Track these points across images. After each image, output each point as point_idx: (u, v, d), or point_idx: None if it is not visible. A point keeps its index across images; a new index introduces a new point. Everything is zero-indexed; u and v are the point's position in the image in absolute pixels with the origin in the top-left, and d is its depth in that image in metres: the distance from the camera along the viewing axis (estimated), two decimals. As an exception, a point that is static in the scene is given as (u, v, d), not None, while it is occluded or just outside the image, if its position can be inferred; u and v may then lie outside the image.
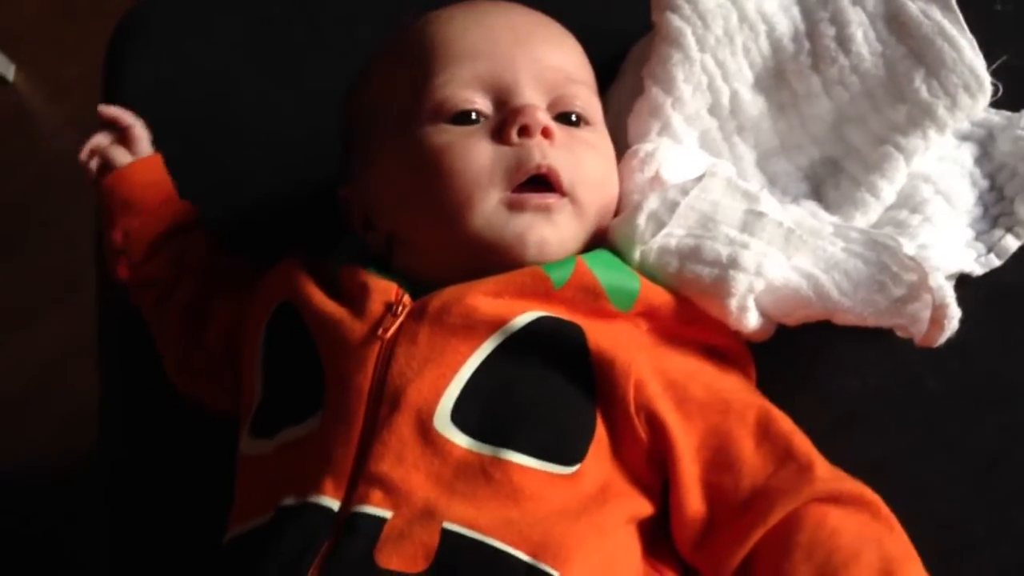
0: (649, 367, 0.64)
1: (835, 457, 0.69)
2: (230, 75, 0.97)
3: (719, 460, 0.62)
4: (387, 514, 0.61)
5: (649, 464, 0.64)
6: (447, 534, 0.60)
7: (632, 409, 0.63)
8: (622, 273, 0.67)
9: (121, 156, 0.84)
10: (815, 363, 0.72)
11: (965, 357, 0.70)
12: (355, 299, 0.68)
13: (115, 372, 0.93)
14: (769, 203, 0.68)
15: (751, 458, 0.62)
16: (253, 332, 0.74)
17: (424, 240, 0.70)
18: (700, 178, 0.68)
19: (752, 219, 0.67)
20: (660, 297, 0.67)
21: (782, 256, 0.66)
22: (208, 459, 0.81)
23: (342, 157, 0.80)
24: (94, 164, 0.84)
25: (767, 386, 0.69)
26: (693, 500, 0.62)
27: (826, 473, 0.62)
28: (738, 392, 0.66)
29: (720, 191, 0.68)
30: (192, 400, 0.82)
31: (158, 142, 0.90)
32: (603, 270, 0.66)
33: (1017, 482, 0.67)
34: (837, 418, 0.70)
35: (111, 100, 0.99)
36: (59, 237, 1.61)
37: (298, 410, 0.67)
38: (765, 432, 0.63)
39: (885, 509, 0.61)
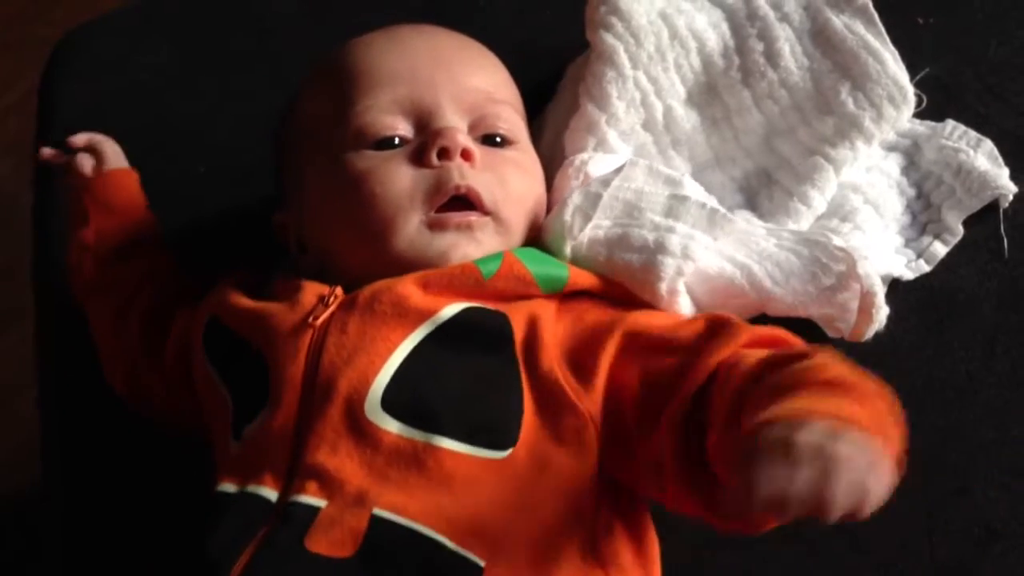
0: (560, 333, 0.65)
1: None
2: (163, 99, 0.97)
3: (647, 349, 0.63)
4: (321, 503, 0.61)
5: (590, 432, 0.64)
6: (375, 520, 0.60)
7: (555, 382, 0.63)
8: (549, 264, 0.68)
9: (97, 164, 0.85)
10: None
11: (899, 360, 0.72)
12: (288, 296, 0.69)
13: (54, 399, 0.91)
14: (692, 187, 0.70)
15: (672, 332, 0.63)
16: (196, 349, 0.74)
17: (352, 259, 0.71)
18: (620, 168, 0.69)
19: (676, 203, 0.68)
20: (588, 280, 0.68)
21: (708, 238, 0.68)
22: (154, 483, 0.82)
23: (276, 183, 0.80)
24: (73, 162, 0.84)
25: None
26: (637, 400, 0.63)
27: (739, 332, 0.62)
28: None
29: (642, 179, 0.70)
30: (140, 412, 0.81)
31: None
32: (531, 261, 0.68)
33: (952, 483, 0.69)
34: (777, 424, 0.72)
35: (46, 125, 1.00)
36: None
37: (251, 408, 0.67)
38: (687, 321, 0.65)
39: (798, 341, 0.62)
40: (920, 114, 0.78)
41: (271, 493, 0.63)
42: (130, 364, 0.80)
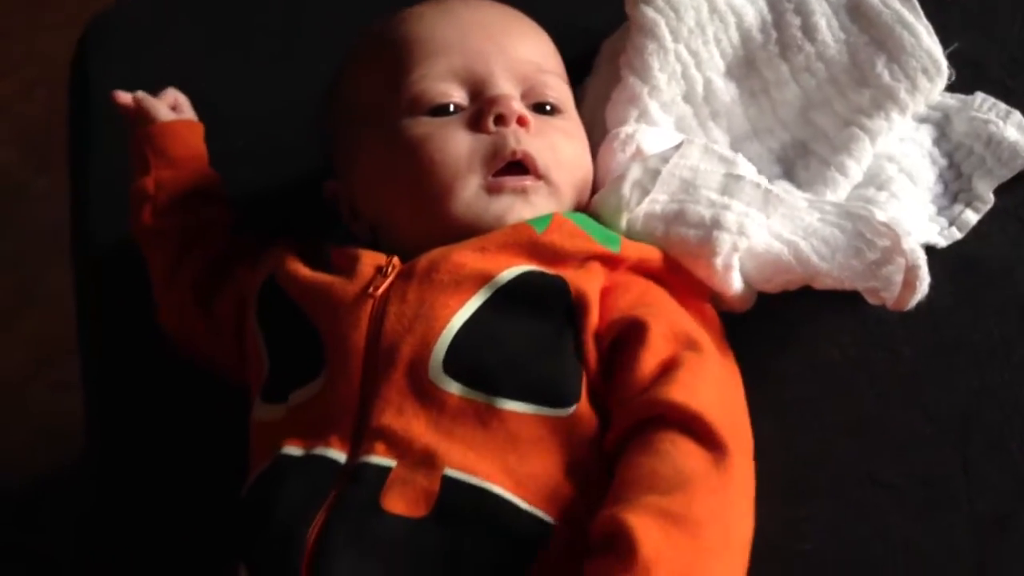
0: (604, 301, 0.67)
1: (818, 420, 0.73)
2: (197, 76, 0.98)
3: (621, 363, 0.65)
4: (391, 463, 0.63)
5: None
6: (447, 480, 0.62)
7: (598, 345, 0.66)
8: (600, 228, 0.71)
9: (165, 113, 0.86)
10: (796, 335, 0.75)
11: (935, 326, 0.75)
12: (345, 267, 0.71)
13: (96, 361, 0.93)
14: (746, 167, 0.72)
15: (646, 366, 0.64)
16: (249, 307, 0.76)
17: (409, 225, 0.73)
18: (678, 146, 0.72)
19: (731, 182, 0.70)
20: (639, 252, 0.70)
21: (762, 216, 0.70)
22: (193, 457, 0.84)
23: (325, 152, 0.81)
24: (138, 104, 0.86)
25: (751, 355, 0.72)
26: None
27: (691, 399, 0.62)
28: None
29: (698, 157, 0.72)
30: (186, 356, 0.83)
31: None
32: (579, 222, 0.70)
33: (989, 440, 0.71)
34: (819, 385, 0.74)
35: (81, 103, 1.01)
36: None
37: (303, 373, 0.69)
38: (669, 358, 0.65)
39: (733, 455, 0.61)
40: (949, 88, 0.80)
41: (339, 455, 0.65)
42: (182, 311, 0.81)
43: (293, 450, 0.66)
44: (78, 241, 0.97)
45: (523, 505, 0.62)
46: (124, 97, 0.86)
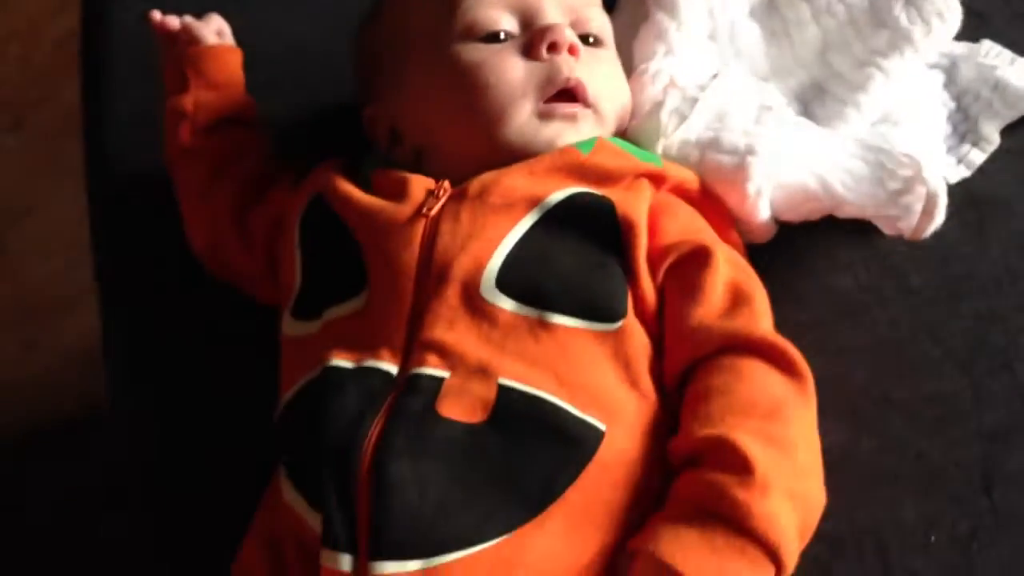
0: (653, 221, 0.70)
1: (833, 343, 0.77)
2: (222, 10, 0.99)
3: (690, 289, 0.68)
4: (445, 374, 0.65)
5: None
6: (503, 389, 0.64)
7: (644, 267, 0.68)
8: (640, 150, 0.74)
9: (210, 37, 0.87)
10: (812, 263, 0.78)
11: (943, 256, 0.79)
12: (394, 191, 0.73)
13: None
14: (777, 99, 0.75)
15: (715, 294, 0.67)
16: (289, 225, 0.78)
17: (457, 149, 0.75)
18: (714, 77, 0.75)
19: (763, 112, 0.74)
20: (682, 173, 0.73)
21: (791, 146, 0.73)
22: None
23: (361, 79, 0.83)
24: (184, 26, 0.87)
25: (770, 282, 0.75)
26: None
27: (770, 330, 0.67)
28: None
29: (733, 88, 0.75)
30: (216, 274, 0.85)
31: (152, 69, 0.93)
32: (622, 144, 0.73)
33: (995, 359, 0.75)
34: (833, 310, 0.77)
35: (98, 37, 1.01)
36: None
37: (341, 291, 0.71)
38: (735, 286, 0.69)
39: (811, 385, 0.65)
40: (956, 38, 0.84)
41: (390, 367, 0.67)
42: (214, 226, 0.83)
43: (342, 362, 0.68)
44: (94, 174, 0.97)
45: (575, 412, 0.64)
46: (169, 20, 0.87)
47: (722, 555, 0.59)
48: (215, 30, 0.88)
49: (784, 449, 0.61)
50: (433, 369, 0.66)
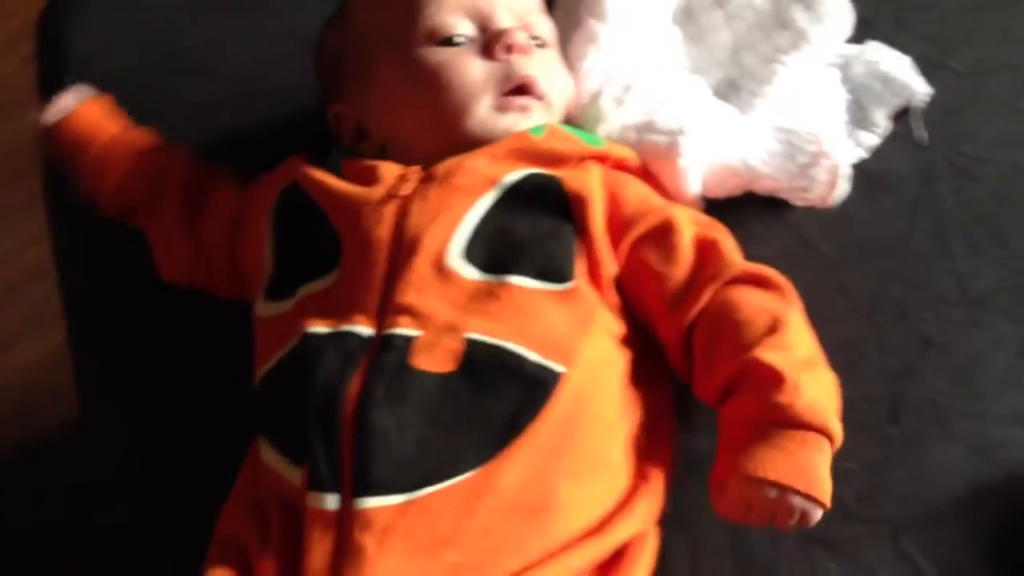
0: (604, 195, 0.79)
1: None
2: (172, 32, 1.06)
3: (664, 254, 0.78)
4: (416, 332, 0.73)
5: (617, 285, 0.79)
6: (470, 342, 0.73)
7: (598, 235, 0.77)
8: (585, 133, 0.84)
9: (63, 112, 0.94)
10: (735, 235, 0.85)
11: (846, 225, 0.90)
12: (365, 177, 0.81)
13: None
14: (701, 87, 0.86)
15: (686, 251, 0.78)
16: (259, 215, 0.86)
17: (421, 141, 0.83)
18: (645, 67, 0.85)
19: (690, 99, 0.85)
20: (622, 152, 0.84)
21: (716, 128, 0.84)
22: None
23: (325, 78, 0.92)
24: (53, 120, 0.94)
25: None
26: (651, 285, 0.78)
27: (741, 262, 0.78)
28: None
29: (662, 77, 0.85)
30: (189, 287, 0.92)
31: (114, 92, 1.00)
32: (569, 129, 0.83)
33: (895, 309, 0.86)
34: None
35: (55, 63, 1.07)
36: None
37: (315, 269, 0.79)
38: (701, 239, 0.79)
39: (787, 287, 0.77)
40: (847, 41, 0.96)
41: (365, 329, 0.74)
42: (173, 247, 0.91)
43: (320, 328, 0.75)
44: (50, 190, 1.03)
45: (536, 357, 0.73)
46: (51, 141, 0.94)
47: (791, 451, 0.69)
48: (69, 101, 0.95)
49: (793, 351, 0.72)
50: (405, 329, 0.73)
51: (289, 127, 0.99)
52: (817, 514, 0.69)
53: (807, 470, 0.68)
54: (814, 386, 0.71)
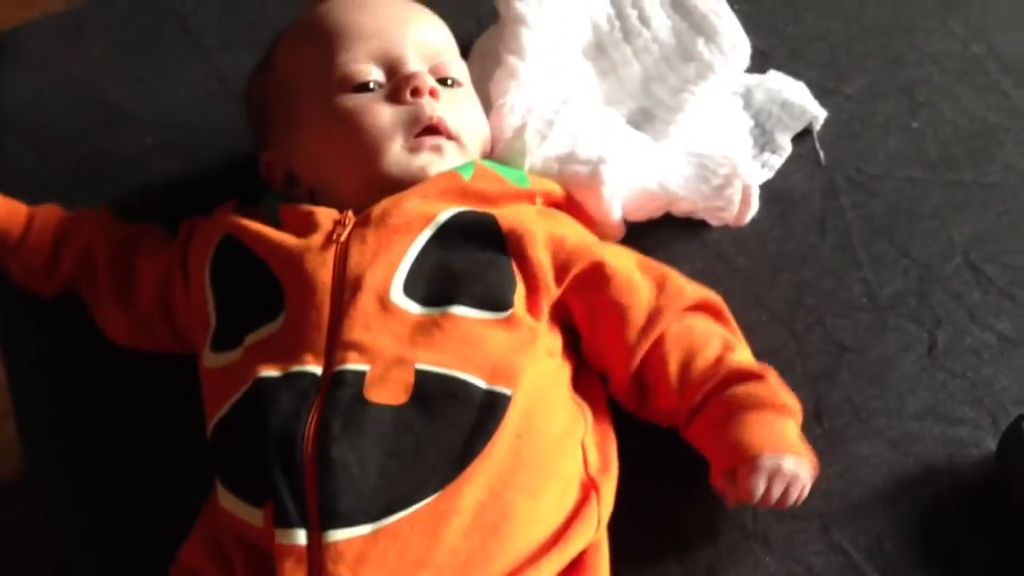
0: (545, 230, 0.82)
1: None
2: (102, 85, 1.08)
3: (625, 286, 0.82)
4: (366, 367, 0.75)
5: (556, 308, 0.82)
6: (419, 372, 0.75)
7: (539, 265, 0.81)
8: (509, 169, 0.88)
9: None
10: (656, 255, 0.88)
11: (759, 241, 0.95)
12: (302, 224, 0.83)
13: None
14: (616, 118, 0.91)
15: (642, 284, 0.82)
16: (196, 270, 0.87)
17: (345, 184, 0.86)
18: (565, 101, 0.90)
19: (608, 129, 0.90)
20: (547, 185, 0.88)
21: (634, 156, 0.88)
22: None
23: (255, 127, 0.94)
24: None
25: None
26: (586, 321, 0.83)
27: (688, 289, 0.84)
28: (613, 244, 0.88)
29: (581, 110, 0.90)
30: (140, 348, 0.93)
31: (44, 146, 1.01)
32: (494, 166, 0.87)
33: (811, 318, 0.91)
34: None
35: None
36: None
37: (259, 317, 0.80)
38: (646, 266, 0.85)
39: (726, 311, 0.85)
40: (747, 71, 1.03)
41: (315, 368, 0.76)
42: (119, 316, 0.92)
43: (270, 372, 0.76)
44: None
45: (483, 384, 0.75)
46: None
47: (773, 427, 0.78)
48: None
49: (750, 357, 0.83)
50: (355, 364, 0.75)
51: (219, 171, 1.01)
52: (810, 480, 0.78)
53: (796, 442, 0.78)
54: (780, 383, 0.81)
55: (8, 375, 0.98)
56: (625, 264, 0.84)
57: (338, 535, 0.70)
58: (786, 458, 0.76)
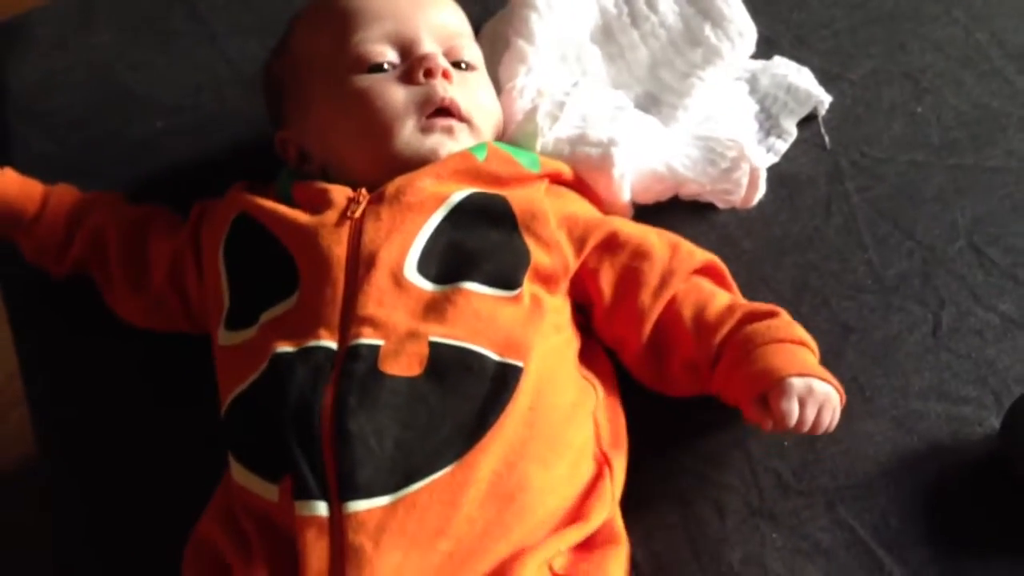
0: (556, 209, 0.84)
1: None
2: (112, 71, 1.10)
3: (635, 251, 0.84)
4: (380, 342, 0.76)
5: (573, 282, 0.84)
6: (433, 344, 0.76)
7: (556, 244, 0.82)
8: (521, 151, 0.88)
9: None
10: None
11: (766, 224, 0.96)
12: (316, 201, 0.83)
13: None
14: (625, 101, 0.92)
15: (659, 246, 0.85)
16: (210, 250, 0.87)
17: (356, 163, 0.87)
18: (575, 84, 0.91)
19: (617, 111, 0.90)
20: (557, 166, 0.89)
21: (643, 138, 0.90)
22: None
23: (271, 105, 0.95)
24: None
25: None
26: (608, 285, 0.84)
27: (696, 253, 0.86)
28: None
29: (591, 93, 0.91)
30: (153, 328, 0.94)
31: (56, 130, 1.02)
32: (507, 148, 0.88)
33: (816, 299, 0.92)
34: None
35: None
36: None
37: (275, 294, 0.81)
38: (656, 231, 0.87)
39: (728, 275, 0.87)
40: (752, 57, 1.04)
41: (330, 343, 0.76)
42: (129, 296, 0.93)
43: (286, 348, 0.77)
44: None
45: (496, 356, 0.77)
46: None
47: (796, 355, 0.80)
48: None
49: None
50: (369, 339, 0.76)
51: (229, 154, 1.02)
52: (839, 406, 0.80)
53: (821, 370, 0.80)
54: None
55: (20, 363, 0.99)
56: (638, 229, 0.86)
57: (359, 506, 0.71)
58: (814, 380, 0.77)
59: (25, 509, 1.27)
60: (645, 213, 0.94)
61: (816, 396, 0.77)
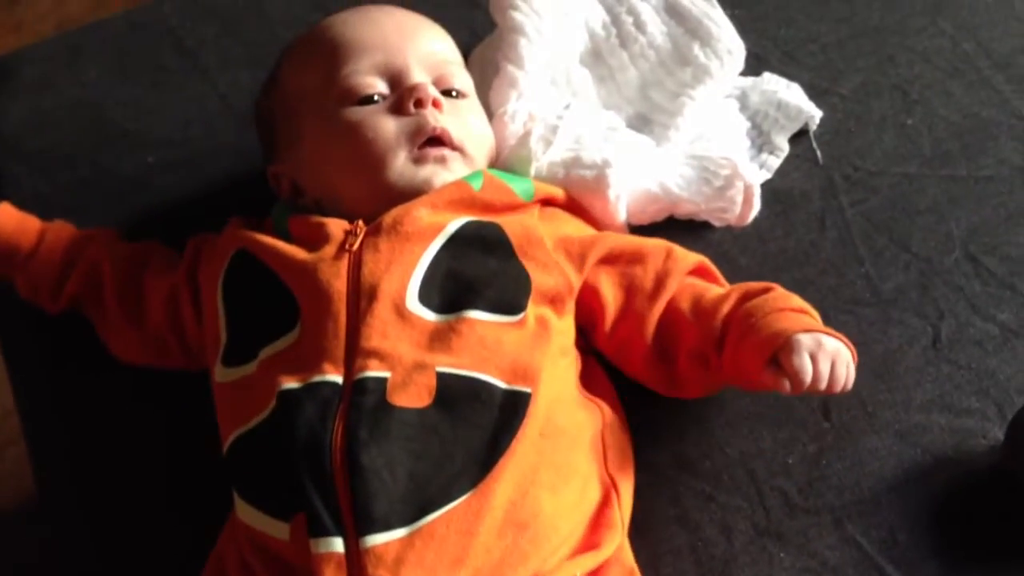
0: (550, 233, 0.84)
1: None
2: (101, 107, 1.09)
3: (630, 258, 0.85)
4: (387, 374, 0.76)
5: (578, 301, 0.84)
6: (441, 375, 0.76)
7: (556, 266, 0.82)
8: (516, 178, 0.88)
9: None
10: None
11: (760, 240, 0.96)
12: (313, 235, 0.83)
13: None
14: (617, 122, 0.92)
15: (652, 251, 0.85)
16: (207, 287, 0.87)
17: (350, 195, 0.87)
18: (566, 107, 0.91)
19: (610, 133, 0.90)
20: (549, 190, 0.89)
21: (637, 159, 0.89)
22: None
23: (263, 140, 0.95)
24: None
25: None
26: (611, 293, 0.84)
27: (689, 256, 0.87)
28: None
29: (583, 115, 0.91)
30: (149, 365, 0.93)
31: (46, 168, 1.02)
32: (502, 176, 0.87)
33: (814, 314, 0.93)
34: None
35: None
36: None
37: (273, 330, 0.80)
38: (652, 240, 0.88)
39: (718, 273, 0.88)
40: (742, 74, 1.04)
41: (336, 377, 0.76)
42: (126, 333, 0.93)
43: (291, 384, 0.76)
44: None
45: (503, 384, 0.76)
46: None
47: (799, 318, 0.80)
48: None
49: None
50: (376, 372, 0.76)
51: (221, 187, 1.02)
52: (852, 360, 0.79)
53: (827, 328, 0.79)
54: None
55: (16, 400, 0.99)
56: (631, 239, 0.87)
57: (376, 539, 0.71)
58: (823, 335, 0.77)
59: (25, 549, 1.26)
60: (640, 233, 0.94)
61: (827, 350, 0.76)
